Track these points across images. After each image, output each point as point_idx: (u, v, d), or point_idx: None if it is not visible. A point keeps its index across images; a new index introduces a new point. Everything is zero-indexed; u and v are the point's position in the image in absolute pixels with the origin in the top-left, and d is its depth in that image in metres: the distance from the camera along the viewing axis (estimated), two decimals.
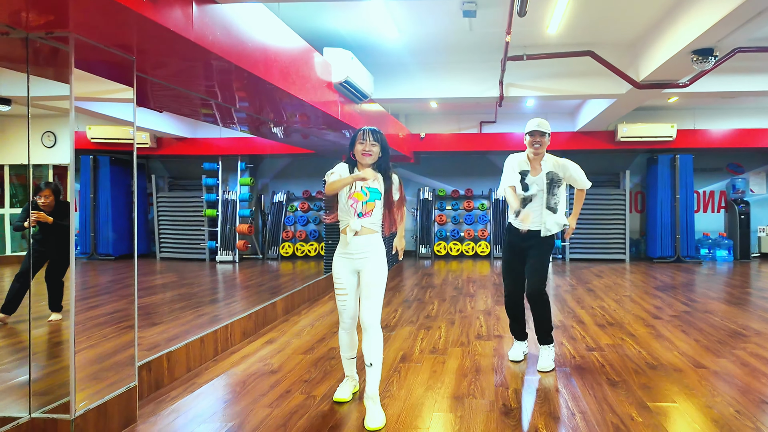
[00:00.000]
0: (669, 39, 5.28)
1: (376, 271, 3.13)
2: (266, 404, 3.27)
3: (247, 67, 3.31)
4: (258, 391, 3.49)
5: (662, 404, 3.22)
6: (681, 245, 10.78)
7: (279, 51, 3.89)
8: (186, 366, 3.85)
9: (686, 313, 5.80)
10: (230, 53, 3.10)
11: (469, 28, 5.74)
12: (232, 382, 3.70)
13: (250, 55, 3.39)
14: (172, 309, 5.93)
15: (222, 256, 10.86)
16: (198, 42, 2.74)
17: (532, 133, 3.92)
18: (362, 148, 3.11)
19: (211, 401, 3.36)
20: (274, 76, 3.74)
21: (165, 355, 3.61)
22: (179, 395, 3.44)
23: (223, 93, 3.89)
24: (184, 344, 3.85)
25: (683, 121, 10.90)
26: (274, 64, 3.78)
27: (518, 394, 3.42)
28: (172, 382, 3.67)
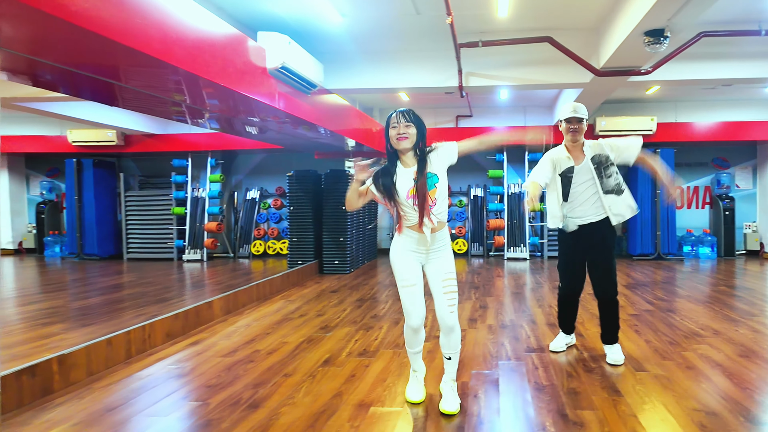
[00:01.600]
0: (622, 21, 5.00)
1: (449, 266, 2.92)
2: (152, 413, 3.01)
3: (133, 44, 3.04)
4: (151, 398, 3.23)
5: (583, 412, 2.94)
6: (662, 242, 10.47)
7: (185, 31, 3.62)
8: (87, 370, 3.59)
9: (647, 312, 5.51)
10: (107, 28, 2.82)
11: (415, 11, 5.46)
12: (130, 388, 3.44)
13: (139, 32, 3.12)
14: (112, 309, 5.68)
15: (189, 254, 10.60)
16: (53, 13, 2.47)
17: (569, 120, 3.66)
18: (395, 133, 2.83)
19: (96, 408, 3.09)
20: (176, 56, 3.47)
21: (55, 358, 3.35)
22: (66, 402, 3.19)
23: (115, 73, 3.60)
24: (84, 346, 3.59)
25: (664, 114, 10.59)
26: (177, 43, 3.51)
27: (433, 401, 3.15)
28: (65, 387, 3.41)
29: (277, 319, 5.31)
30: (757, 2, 5.35)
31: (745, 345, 4.21)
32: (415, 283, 2.90)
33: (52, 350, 4.03)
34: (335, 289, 7.07)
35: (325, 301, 6.21)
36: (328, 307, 5.90)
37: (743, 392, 3.21)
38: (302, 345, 4.36)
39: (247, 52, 4.59)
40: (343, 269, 8.50)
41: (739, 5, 5.42)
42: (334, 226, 8.54)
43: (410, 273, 2.90)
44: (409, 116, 2.84)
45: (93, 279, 8.44)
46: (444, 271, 2.90)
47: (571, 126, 3.65)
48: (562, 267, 3.97)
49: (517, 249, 10.79)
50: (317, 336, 4.63)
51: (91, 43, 2.92)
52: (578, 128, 3.64)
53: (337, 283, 7.56)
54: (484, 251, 11.29)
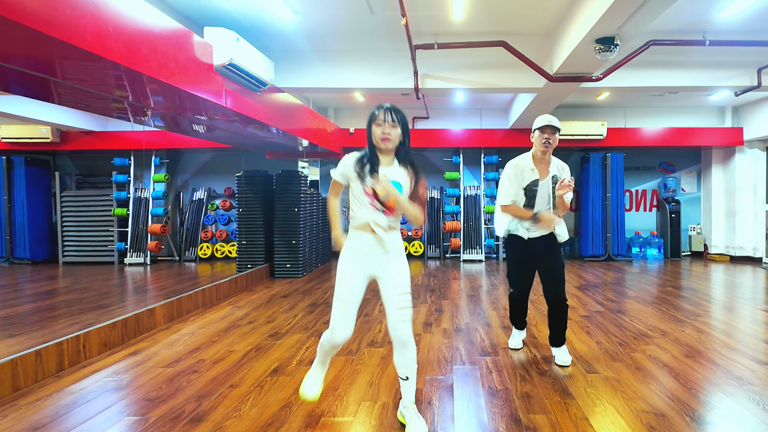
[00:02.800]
0: (574, 28, 5.06)
1: (403, 278, 2.69)
2: (85, 430, 2.79)
3: (63, 37, 2.82)
4: (85, 414, 3.00)
5: (536, 416, 2.91)
6: (612, 244, 10.75)
7: (122, 24, 3.41)
8: (12, 385, 3.32)
9: (598, 313, 5.60)
10: (31, 18, 2.60)
11: (369, 11, 5.37)
12: (60, 403, 3.19)
13: (71, 24, 2.90)
14: (44, 318, 5.33)
15: (132, 258, 10.13)
16: None
17: (543, 129, 3.61)
18: (381, 132, 2.62)
19: (21, 428, 2.85)
20: (111, 50, 3.26)
21: None
22: None
23: (49, 68, 3.36)
24: (10, 359, 3.32)
25: (614, 120, 10.89)
26: (114, 37, 3.30)
27: (386, 409, 3.06)
28: None
29: (224, 326, 5.10)
30: (702, 14, 5.53)
31: (690, 345, 4.30)
32: (351, 301, 2.67)
33: None
34: (286, 294, 6.88)
35: (276, 307, 6.02)
36: (278, 312, 5.72)
37: (689, 392, 3.26)
38: (250, 353, 4.18)
39: (191, 48, 4.38)
40: (295, 273, 8.31)
41: (686, 16, 5.58)
42: (286, 229, 8.34)
43: (351, 289, 2.67)
44: (396, 116, 2.66)
45: (23, 285, 7.95)
46: (398, 284, 2.68)
47: (544, 135, 3.62)
48: (514, 275, 4.00)
49: (473, 251, 10.85)
50: (266, 344, 4.46)
51: (19, 35, 2.70)
52: (552, 139, 3.62)
53: (288, 288, 7.37)
54: (441, 253, 11.31)
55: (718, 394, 3.24)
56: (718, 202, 11.11)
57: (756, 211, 10.48)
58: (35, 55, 3.08)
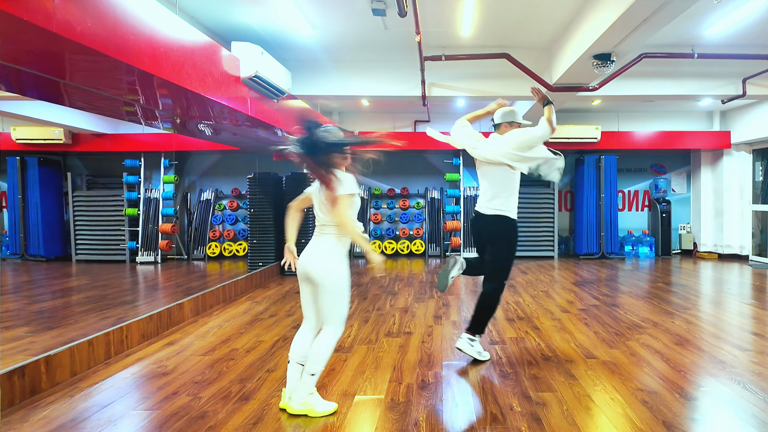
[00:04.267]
0: (574, 44, 5.47)
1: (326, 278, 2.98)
2: (147, 407, 3.16)
3: (127, 60, 3.19)
4: (142, 394, 3.37)
5: (544, 393, 3.31)
6: (605, 242, 11.20)
7: (171, 44, 3.77)
8: (70, 370, 3.68)
9: (594, 306, 6.01)
10: (105, 45, 2.97)
11: (384, 27, 5.76)
12: (117, 386, 3.55)
13: (133, 48, 3.27)
14: (74, 312, 5.67)
15: (143, 256, 10.46)
16: (62, 34, 2.61)
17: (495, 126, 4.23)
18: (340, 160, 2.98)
19: (89, 405, 3.21)
20: (164, 70, 3.62)
21: (43, 359, 3.43)
22: (56, 400, 3.28)
23: (111, 86, 3.72)
24: (68, 347, 3.67)
25: (608, 123, 11.33)
26: (165, 57, 3.66)
27: (410, 389, 3.44)
28: (52, 386, 3.50)
29: (248, 319, 5.47)
30: (691, 30, 5.96)
31: (679, 335, 4.72)
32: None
33: (26, 353, 4.10)
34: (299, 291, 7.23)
35: (292, 302, 6.39)
36: (296, 307, 6.09)
37: (678, 374, 3.67)
38: (278, 343, 4.56)
39: (222, 62, 4.75)
40: None
41: (676, 32, 6.01)
42: None
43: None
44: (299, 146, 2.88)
45: (44, 281, 8.27)
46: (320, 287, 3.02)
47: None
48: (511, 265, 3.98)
49: (473, 249, 11.26)
50: (291, 334, 4.83)
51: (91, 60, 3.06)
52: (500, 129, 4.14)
53: None
54: (441, 252, 11.71)
55: (704, 376, 3.65)
56: (707, 202, 11.59)
57: (743, 210, 10.96)
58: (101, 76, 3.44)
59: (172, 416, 3.02)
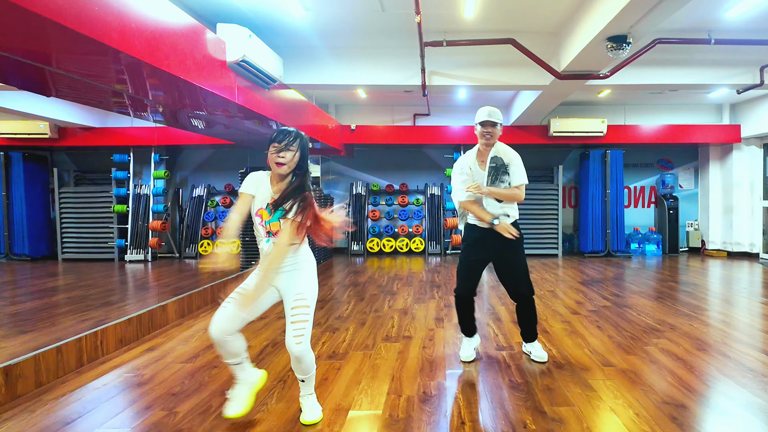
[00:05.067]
0: (585, 26, 5.11)
1: (302, 286, 2.70)
2: (115, 425, 2.81)
3: (90, 33, 2.82)
4: (112, 409, 3.02)
5: (560, 408, 2.96)
6: (611, 240, 10.86)
7: (144, 21, 3.41)
8: (35, 381, 3.32)
9: (605, 308, 5.67)
10: (64, 16, 2.60)
11: (381, 8, 5.39)
12: (86, 398, 3.20)
13: (98, 21, 2.90)
14: (52, 314, 5.31)
15: (132, 255, 10.09)
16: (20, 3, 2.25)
17: (484, 123, 3.64)
18: (274, 156, 2.61)
19: (50, 422, 2.86)
20: (134, 47, 3.26)
21: (1, 369, 3.07)
22: (14, 416, 2.93)
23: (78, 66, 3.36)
24: (32, 355, 3.32)
25: (614, 117, 10.98)
26: (137, 34, 3.30)
27: (411, 402, 3.09)
28: (12, 399, 3.14)
29: None
30: (710, 13, 5.59)
31: (700, 339, 4.37)
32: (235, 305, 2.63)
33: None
34: None
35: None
36: None
37: (705, 384, 3.32)
38: (267, 349, 4.21)
39: (206, 45, 4.39)
40: None
41: (693, 15, 5.65)
42: None
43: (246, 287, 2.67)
44: (293, 140, 2.63)
45: (25, 282, 7.91)
46: (294, 297, 2.68)
47: (485, 130, 3.67)
48: (463, 270, 3.87)
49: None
50: (281, 339, 4.48)
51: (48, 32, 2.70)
52: (492, 132, 3.67)
53: None
54: (441, 249, 11.36)
55: (734, 386, 3.30)
56: (716, 198, 11.24)
57: (753, 207, 10.61)
58: (61, 51, 3.07)
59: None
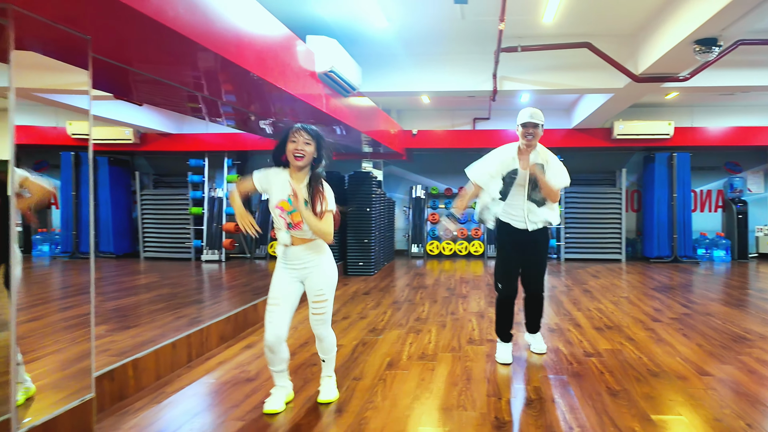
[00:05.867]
0: (670, 29, 5.04)
1: (322, 283, 2.97)
2: (238, 416, 3.00)
3: (214, 48, 3.04)
4: (231, 402, 3.22)
5: (667, 417, 2.98)
6: (678, 245, 10.58)
7: (254, 35, 3.62)
8: (155, 374, 3.58)
9: (686, 315, 5.57)
10: (195, 33, 2.82)
11: (461, 16, 5.48)
12: (204, 392, 3.43)
13: (219, 36, 3.12)
14: (150, 311, 5.64)
15: (207, 255, 10.54)
16: (156, 18, 2.47)
17: (525, 125, 3.74)
18: (293, 148, 2.83)
19: (178, 413, 3.08)
20: (247, 60, 3.47)
21: (130, 362, 3.33)
22: (144, 406, 3.17)
23: (195, 79, 3.60)
24: (153, 350, 3.58)
25: (681, 119, 10.68)
26: (249, 48, 3.51)
27: (512, 405, 3.17)
28: (138, 391, 3.40)
29: None
30: None
31: None
32: (279, 304, 2.93)
33: (108, 353, 4.02)
34: (366, 291, 7.07)
35: (362, 304, 6.21)
36: (366, 309, 5.90)
37: None
38: (358, 348, 4.36)
39: (299, 56, 4.59)
40: (367, 271, 8.51)
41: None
42: (358, 228, 8.54)
43: (278, 291, 2.96)
44: (311, 133, 2.85)
45: (115, 278, 8.39)
46: (314, 293, 2.98)
47: (527, 131, 3.72)
48: (501, 271, 3.96)
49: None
50: (369, 339, 4.64)
51: (176, 47, 2.92)
52: (534, 133, 3.72)
53: (365, 286, 7.56)
54: None
55: None
56: None
57: None
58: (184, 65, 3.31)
59: (265, 428, 2.85)
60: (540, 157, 3.79)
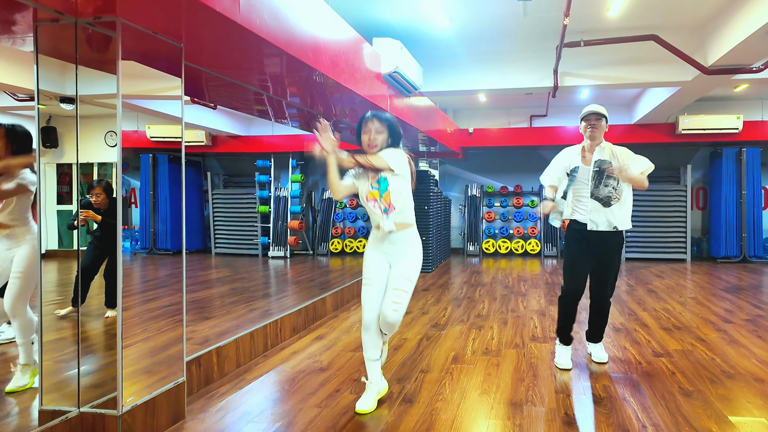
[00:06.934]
0: (744, 18, 4.87)
1: (407, 271, 2.98)
2: (315, 404, 3.16)
3: (295, 54, 3.20)
4: (307, 390, 3.39)
5: (746, 419, 2.92)
6: (747, 244, 10.10)
7: (328, 39, 3.78)
8: (235, 361, 3.80)
9: (760, 317, 5.37)
10: (278, 39, 2.99)
11: (523, 13, 5.48)
12: (281, 379, 3.62)
13: (299, 42, 3.28)
14: (225, 303, 5.94)
15: (274, 251, 11.00)
16: (245, 25, 2.64)
17: (587, 117, 3.64)
18: (366, 139, 2.92)
19: (260, 399, 3.28)
20: (323, 64, 3.63)
21: (215, 350, 3.56)
22: (228, 391, 3.38)
23: (273, 83, 3.79)
24: (234, 339, 3.80)
25: (750, 112, 10.19)
26: (324, 52, 3.66)
27: (581, 402, 3.19)
28: (221, 377, 3.62)
29: None
30: None
31: None
32: (374, 284, 2.98)
33: (191, 341, 4.28)
34: (426, 288, 7.17)
35: (423, 300, 6.31)
36: (428, 305, 6.00)
37: None
38: (422, 342, 4.46)
39: (366, 58, 4.72)
40: (425, 268, 8.59)
41: None
42: (417, 226, 8.62)
43: (372, 271, 3.00)
44: (381, 122, 2.89)
45: (190, 273, 8.85)
46: (401, 275, 2.95)
47: (589, 123, 3.61)
48: (568, 268, 3.83)
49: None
50: (433, 333, 4.73)
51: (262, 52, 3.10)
52: (596, 125, 3.59)
53: (423, 282, 7.66)
54: (558, 252, 11.17)
55: None
56: None
57: None
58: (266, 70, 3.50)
59: (342, 415, 2.99)
60: (605, 153, 3.68)
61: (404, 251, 3.00)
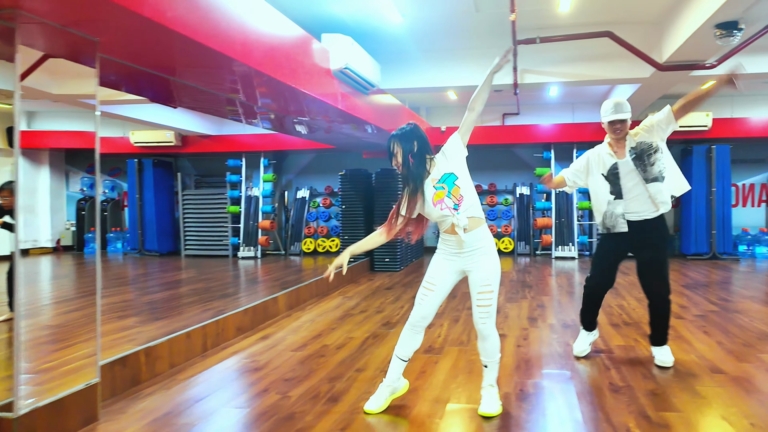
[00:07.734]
0: (691, 14, 4.88)
1: (488, 276, 2.83)
2: (238, 405, 3.12)
3: (218, 47, 3.15)
4: (234, 390, 3.36)
5: (666, 414, 2.91)
6: (717, 241, 10.16)
7: (262, 34, 3.73)
8: (168, 362, 3.74)
9: (713, 312, 5.38)
10: (196, 32, 2.94)
11: (475, 9, 5.45)
12: (212, 380, 3.57)
13: (224, 36, 3.23)
14: (180, 304, 5.90)
15: (244, 251, 10.92)
16: (153, 18, 2.59)
17: (612, 122, 3.54)
18: (395, 164, 2.88)
19: (184, 399, 3.23)
20: (254, 59, 3.58)
21: (143, 350, 3.51)
22: (154, 392, 3.33)
23: (201, 77, 3.74)
24: (166, 339, 3.75)
25: (720, 110, 10.24)
26: (255, 46, 3.62)
27: (508, 399, 3.17)
28: (151, 377, 3.57)
29: (339, 314, 5.42)
30: None
31: None
32: (433, 290, 2.89)
33: (133, 343, 4.23)
34: (389, 287, 7.14)
35: (382, 298, 6.29)
36: (385, 303, 5.97)
37: None
38: (368, 341, 4.43)
39: (313, 54, 4.68)
40: (393, 267, 8.58)
41: None
42: None
43: (436, 277, 2.89)
44: (397, 143, 2.83)
45: (156, 274, 8.79)
46: (481, 283, 2.82)
47: (614, 128, 3.54)
48: (596, 260, 3.83)
49: (565, 248, 10.64)
50: (381, 332, 4.70)
51: (183, 47, 3.05)
52: (621, 127, 3.54)
53: (389, 281, 7.63)
54: (531, 250, 11.18)
55: None
56: None
57: None
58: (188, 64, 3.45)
59: (262, 415, 2.96)
60: (634, 140, 3.57)
61: (480, 259, 2.83)
